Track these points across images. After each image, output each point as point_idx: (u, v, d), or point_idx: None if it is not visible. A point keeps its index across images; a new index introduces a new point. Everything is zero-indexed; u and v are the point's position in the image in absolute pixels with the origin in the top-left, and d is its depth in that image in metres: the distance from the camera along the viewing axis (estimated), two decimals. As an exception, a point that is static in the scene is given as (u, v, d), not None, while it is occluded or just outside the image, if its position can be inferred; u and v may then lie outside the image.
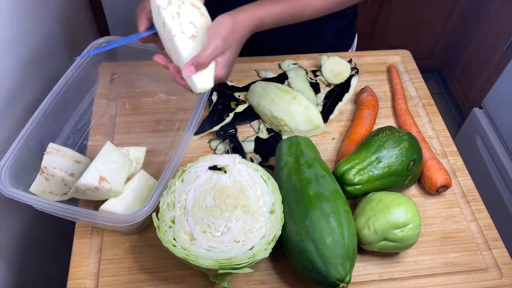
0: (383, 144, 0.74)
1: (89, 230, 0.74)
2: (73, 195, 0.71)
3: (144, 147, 0.81)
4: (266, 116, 0.88)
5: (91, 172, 0.68)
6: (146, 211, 0.65)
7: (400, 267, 0.72)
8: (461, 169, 0.85)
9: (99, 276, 0.69)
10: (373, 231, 0.67)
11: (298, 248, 0.64)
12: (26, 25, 0.98)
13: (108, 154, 0.71)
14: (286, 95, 0.87)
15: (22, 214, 0.96)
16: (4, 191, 0.66)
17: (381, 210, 0.67)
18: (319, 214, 0.64)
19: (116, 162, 0.71)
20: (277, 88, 0.89)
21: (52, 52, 1.13)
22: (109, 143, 0.72)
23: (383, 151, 0.73)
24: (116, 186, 0.70)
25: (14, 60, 0.92)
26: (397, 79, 0.97)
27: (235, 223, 0.64)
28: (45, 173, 0.72)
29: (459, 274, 0.72)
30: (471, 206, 0.80)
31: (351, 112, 0.94)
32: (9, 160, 0.69)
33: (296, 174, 0.70)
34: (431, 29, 2.08)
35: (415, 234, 0.67)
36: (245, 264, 0.61)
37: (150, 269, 0.70)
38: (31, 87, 0.98)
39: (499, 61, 1.79)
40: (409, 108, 0.93)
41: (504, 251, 0.75)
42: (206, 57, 0.63)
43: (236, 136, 0.86)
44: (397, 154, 0.73)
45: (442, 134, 0.90)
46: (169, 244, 0.62)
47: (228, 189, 0.67)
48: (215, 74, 0.65)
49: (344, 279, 0.62)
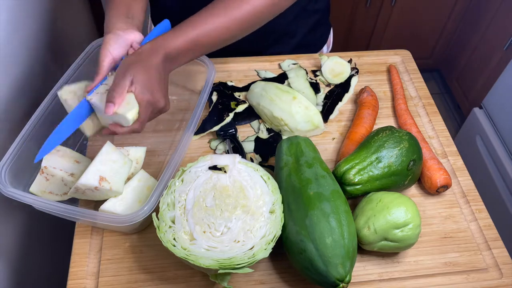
0: (383, 144, 0.74)
1: (89, 230, 0.74)
2: (73, 195, 0.71)
3: (144, 147, 0.81)
4: (266, 116, 0.88)
5: (91, 172, 0.68)
6: (146, 211, 0.65)
7: (400, 267, 0.72)
8: (461, 169, 0.85)
9: (99, 276, 0.69)
10: (373, 231, 0.67)
11: (298, 248, 0.64)
12: (26, 25, 0.98)
13: (108, 154, 0.71)
14: (286, 95, 0.87)
15: (22, 214, 0.96)
16: (4, 191, 0.66)
17: (381, 210, 0.67)
18: (319, 214, 0.64)
19: (116, 162, 0.71)
20: (277, 88, 0.89)
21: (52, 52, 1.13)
22: (109, 143, 0.72)
23: (383, 151, 0.73)
24: (116, 186, 0.70)
25: (14, 60, 0.92)
26: (397, 79, 0.97)
27: (235, 223, 0.64)
28: (45, 173, 0.72)
29: (459, 274, 0.72)
30: (471, 206, 0.80)
31: (351, 112, 0.94)
32: (9, 160, 0.69)
33: (296, 174, 0.70)
34: (431, 29, 2.08)
35: (415, 234, 0.67)
36: (245, 264, 0.61)
37: (150, 269, 0.70)
38: (31, 87, 0.98)
39: (499, 61, 1.79)
40: (409, 108, 0.93)
41: (504, 251, 0.75)
42: (112, 89, 0.66)
43: (236, 136, 0.86)
44: (397, 154, 0.73)
45: (442, 134, 0.90)
46: (169, 244, 0.62)
47: (228, 189, 0.67)
48: (139, 98, 0.67)
49: (344, 279, 0.62)
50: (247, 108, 0.92)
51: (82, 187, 0.68)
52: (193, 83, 0.91)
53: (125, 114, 0.67)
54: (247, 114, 0.91)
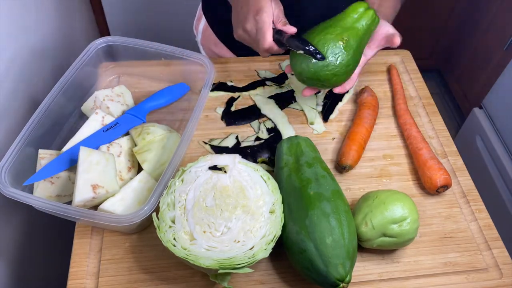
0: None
1: (89, 230, 0.74)
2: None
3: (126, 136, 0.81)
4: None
5: (81, 186, 0.68)
6: (146, 211, 0.65)
7: (400, 267, 0.72)
8: (461, 169, 0.85)
9: (99, 276, 0.69)
10: (371, 227, 0.67)
11: (298, 248, 0.64)
12: (25, 25, 0.98)
13: (87, 160, 0.70)
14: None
15: (22, 214, 0.96)
16: (4, 191, 0.66)
17: (377, 206, 0.68)
18: (319, 214, 0.64)
19: (99, 163, 0.70)
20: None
21: (52, 51, 1.13)
22: (82, 148, 0.71)
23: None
24: (111, 186, 0.70)
25: (14, 60, 0.92)
26: (397, 79, 0.97)
27: (235, 223, 0.64)
28: (49, 178, 0.72)
29: (459, 274, 0.72)
30: (471, 206, 0.80)
31: (351, 112, 0.94)
32: (9, 160, 0.69)
33: (296, 174, 0.70)
34: (431, 29, 2.08)
35: (413, 229, 0.68)
36: (245, 264, 0.61)
37: (150, 269, 0.70)
38: (31, 87, 0.98)
39: (499, 61, 1.79)
40: (409, 108, 0.93)
41: (504, 251, 0.75)
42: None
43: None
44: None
45: (442, 134, 0.90)
46: (169, 244, 0.62)
47: (228, 189, 0.67)
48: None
49: (344, 279, 0.62)
50: (247, 108, 0.92)
51: (80, 203, 0.68)
52: (193, 83, 0.92)
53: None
54: (247, 114, 0.91)
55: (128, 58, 0.90)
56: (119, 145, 0.78)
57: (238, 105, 0.93)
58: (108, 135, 0.79)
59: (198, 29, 1.13)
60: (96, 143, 0.77)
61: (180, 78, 0.92)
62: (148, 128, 0.79)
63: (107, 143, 0.77)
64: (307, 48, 0.68)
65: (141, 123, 0.83)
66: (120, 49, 0.88)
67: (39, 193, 0.72)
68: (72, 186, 0.73)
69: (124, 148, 0.78)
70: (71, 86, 0.81)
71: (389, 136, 0.90)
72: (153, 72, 0.93)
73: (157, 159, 0.75)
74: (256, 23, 0.71)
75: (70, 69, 0.81)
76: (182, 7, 1.74)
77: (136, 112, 0.84)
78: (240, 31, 0.75)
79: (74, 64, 0.82)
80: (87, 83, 0.88)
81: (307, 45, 0.69)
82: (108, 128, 0.80)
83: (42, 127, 0.75)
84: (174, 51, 0.85)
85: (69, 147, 0.76)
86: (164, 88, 0.90)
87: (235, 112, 0.91)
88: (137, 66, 0.93)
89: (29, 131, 0.73)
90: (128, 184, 0.73)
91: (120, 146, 0.77)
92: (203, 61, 0.84)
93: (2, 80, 0.87)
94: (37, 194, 0.71)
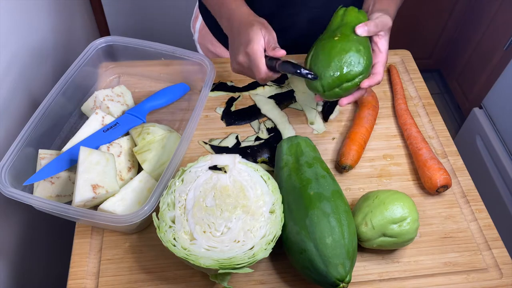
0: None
1: (89, 230, 0.74)
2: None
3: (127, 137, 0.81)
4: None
5: (81, 186, 0.68)
6: (146, 211, 0.65)
7: (400, 267, 0.72)
8: (461, 169, 0.85)
9: (99, 276, 0.69)
10: (370, 227, 0.67)
11: (298, 248, 0.64)
12: (25, 25, 0.98)
13: (87, 160, 0.70)
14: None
15: (22, 214, 0.96)
16: (4, 191, 0.66)
17: (377, 206, 0.68)
18: (319, 214, 0.64)
19: (99, 163, 0.70)
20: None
21: (52, 51, 1.13)
22: (82, 148, 0.71)
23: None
24: (111, 186, 0.70)
25: (14, 60, 0.92)
26: (397, 79, 0.97)
27: (235, 223, 0.64)
28: (49, 178, 0.72)
29: (459, 274, 0.72)
30: (471, 206, 0.80)
31: (351, 112, 0.94)
32: (9, 160, 0.69)
33: (296, 174, 0.70)
34: (431, 29, 2.08)
35: (413, 229, 0.68)
36: (245, 264, 0.61)
37: (150, 269, 0.70)
38: (31, 87, 0.98)
39: (499, 61, 1.79)
40: (409, 108, 0.93)
41: (504, 251, 0.75)
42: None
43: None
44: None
45: (442, 134, 0.90)
46: (169, 244, 0.62)
47: (228, 189, 0.67)
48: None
49: (344, 279, 0.62)
50: (247, 108, 0.92)
51: (80, 203, 0.68)
52: (193, 83, 0.92)
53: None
54: (247, 114, 0.91)
55: (128, 58, 0.90)
56: (119, 145, 0.78)
57: (238, 105, 0.93)
58: (108, 135, 0.79)
59: (195, 28, 1.13)
60: (96, 143, 0.77)
61: (180, 78, 0.92)
62: (148, 128, 0.79)
63: (107, 143, 0.77)
64: (298, 72, 0.70)
65: (141, 123, 0.83)
66: (120, 49, 0.88)
67: (39, 193, 0.71)
68: (72, 186, 0.73)
69: (124, 148, 0.78)
70: (71, 86, 0.81)
71: (389, 136, 0.90)
72: (153, 72, 0.93)
73: (157, 159, 0.75)
74: (247, 55, 0.71)
75: (70, 69, 0.81)
76: (182, 7, 1.74)
77: (136, 112, 0.84)
78: (234, 64, 0.76)
79: (74, 64, 0.82)
80: (87, 83, 0.88)
81: (298, 69, 0.70)
82: (108, 128, 0.80)
83: (42, 127, 0.75)
84: (174, 51, 0.85)
85: (69, 147, 0.76)
86: (164, 88, 0.90)
87: (235, 112, 0.91)
88: (137, 66, 0.94)
89: (29, 131, 0.73)
90: (128, 184, 0.73)
91: (120, 146, 0.78)
92: (203, 61, 0.84)
93: (2, 80, 0.87)
94: (37, 194, 0.71)
